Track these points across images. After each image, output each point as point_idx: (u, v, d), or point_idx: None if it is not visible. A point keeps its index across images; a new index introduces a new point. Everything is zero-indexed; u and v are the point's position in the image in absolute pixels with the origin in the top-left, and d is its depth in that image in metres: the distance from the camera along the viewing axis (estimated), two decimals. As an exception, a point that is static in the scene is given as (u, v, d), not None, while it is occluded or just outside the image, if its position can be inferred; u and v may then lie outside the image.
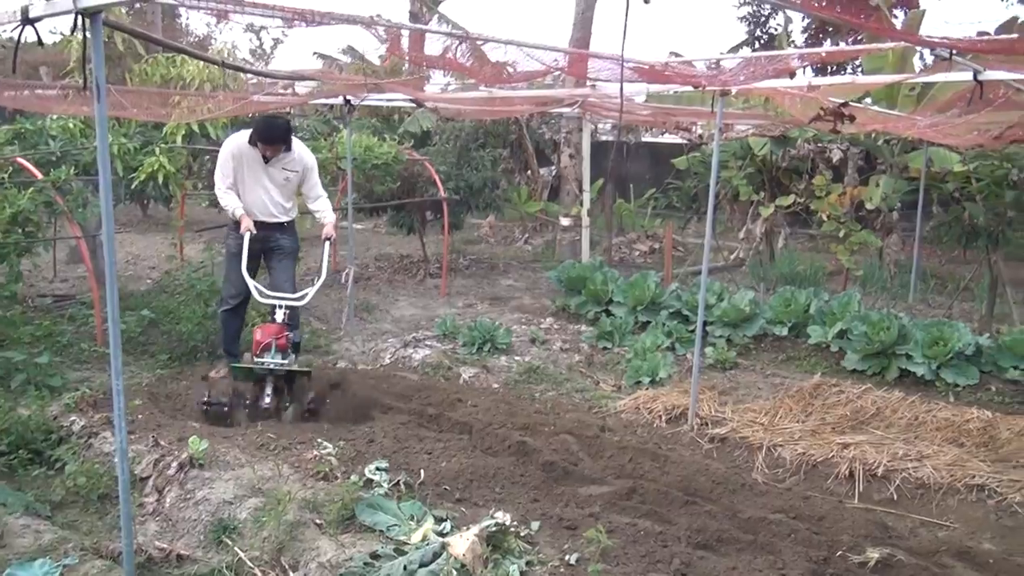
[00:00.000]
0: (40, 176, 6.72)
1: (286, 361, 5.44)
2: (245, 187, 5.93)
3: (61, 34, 8.68)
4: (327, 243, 6.10)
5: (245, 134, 5.91)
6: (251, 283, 5.69)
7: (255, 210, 5.94)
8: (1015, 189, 7.95)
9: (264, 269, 6.27)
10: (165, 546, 3.84)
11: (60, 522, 4.10)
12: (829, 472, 5.04)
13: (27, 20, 2.75)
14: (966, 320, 7.88)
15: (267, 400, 5.31)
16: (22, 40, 2.85)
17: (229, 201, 5.88)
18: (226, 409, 5.31)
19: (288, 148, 5.92)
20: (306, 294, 5.74)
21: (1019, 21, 10.52)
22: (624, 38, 3.04)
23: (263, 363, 5.32)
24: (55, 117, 7.86)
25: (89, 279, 7.09)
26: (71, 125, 7.80)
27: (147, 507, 4.25)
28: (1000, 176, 8.00)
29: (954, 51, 3.98)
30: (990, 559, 4.01)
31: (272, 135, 5.79)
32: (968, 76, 4.50)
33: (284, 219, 6.11)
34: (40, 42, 2.82)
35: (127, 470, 3.11)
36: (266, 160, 5.86)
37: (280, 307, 5.60)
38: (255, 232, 5.81)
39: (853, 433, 5.52)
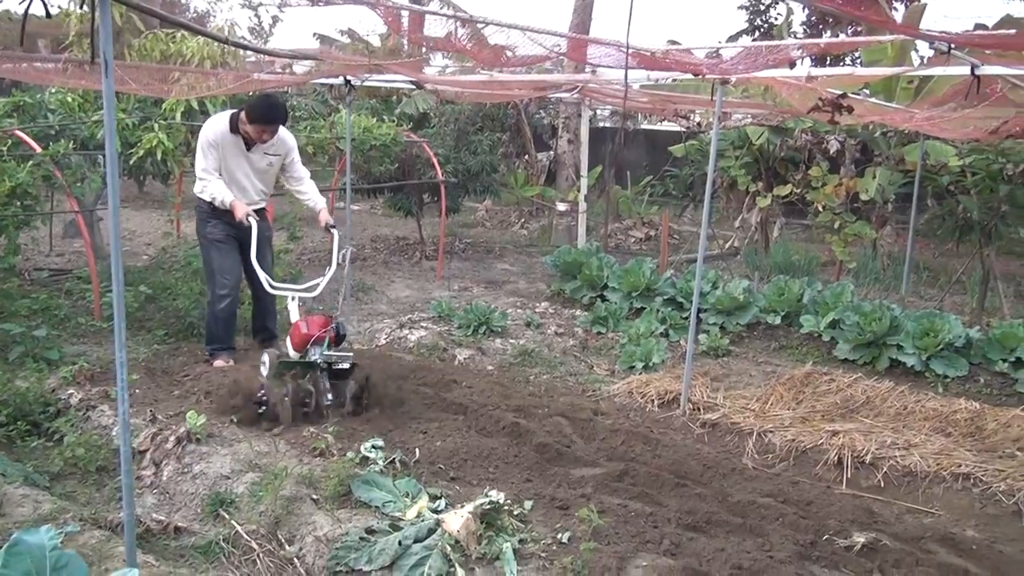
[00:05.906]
0: (39, 150, 6.71)
1: (346, 354, 5.15)
2: (227, 175, 5.57)
3: (59, 7, 8.67)
4: (334, 231, 5.61)
5: (223, 119, 5.52)
6: (262, 274, 5.38)
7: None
8: (1009, 183, 8.02)
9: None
10: (163, 518, 3.89)
11: (58, 493, 4.14)
12: (818, 458, 5.12)
13: (36, -8, 2.75)
14: (957, 313, 7.96)
15: (328, 397, 5.02)
16: (28, 12, 2.86)
17: (217, 189, 5.47)
18: (283, 408, 4.88)
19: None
20: (317, 284, 5.40)
21: (1014, 18, 10.57)
22: (629, 25, 3.07)
23: (328, 356, 5.01)
24: (53, 90, 7.82)
25: (87, 253, 7.10)
26: (70, 99, 7.76)
27: (145, 480, 4.31)
28: (995, 171, 8.08)
29: (952, 45, 4.02)
30: (973, 545, 4.09)
31: (273, 115, 5.45)
32: (966, 70, 4.54)
33: (262, 205, 5.85)
34: (48, 14, 2.83)
35: (129, 441, 3.14)
36: (248, 147, 5.55)
37: (292, 298, 5.39)
38: (257, 220, 5.44)
39: (842, 421, 5.59)
